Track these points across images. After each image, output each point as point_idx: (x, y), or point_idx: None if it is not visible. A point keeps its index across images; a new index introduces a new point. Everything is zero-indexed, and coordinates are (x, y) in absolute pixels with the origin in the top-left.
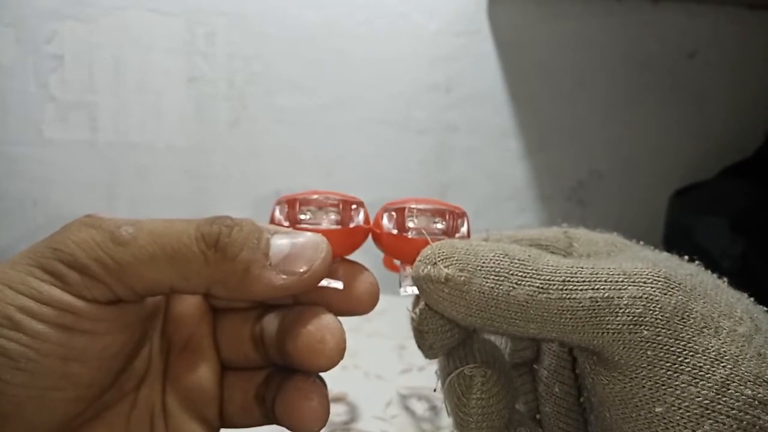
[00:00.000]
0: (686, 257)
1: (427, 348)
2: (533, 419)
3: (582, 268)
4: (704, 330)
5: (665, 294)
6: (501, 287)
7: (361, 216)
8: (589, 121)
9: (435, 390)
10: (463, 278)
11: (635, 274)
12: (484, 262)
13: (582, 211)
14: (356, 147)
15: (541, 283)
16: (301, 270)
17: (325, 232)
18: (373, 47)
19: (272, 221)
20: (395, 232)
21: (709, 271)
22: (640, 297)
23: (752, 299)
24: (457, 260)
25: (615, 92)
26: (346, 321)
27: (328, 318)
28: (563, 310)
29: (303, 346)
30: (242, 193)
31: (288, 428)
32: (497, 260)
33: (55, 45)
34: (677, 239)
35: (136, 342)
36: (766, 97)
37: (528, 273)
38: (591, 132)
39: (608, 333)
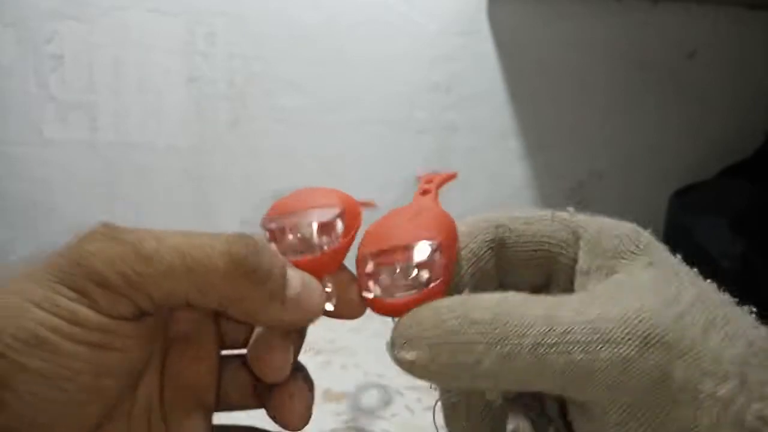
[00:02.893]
0: (691, 267)
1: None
2: None
3: (553, 326)
4: (681, 397)
5: (642, 355)
6: (467, 361)
7: (339, 227)
8: (589, 121)
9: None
10: (425, 361)
11: (611, 332)
12: (448, 335)
13: (582, 212)
14: (356, 147)
15: (510, 350)
16: (306, 312)
17: (310, 263)
18: (373, 47)
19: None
20: (379, 295)
21: (712, 286)
22: (616, 360)
23: (753, 315)
24: (420, 339)
25: (615, 92)
26: (346, 321)
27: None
28: (536, 375)
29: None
30: (242, 193)
31: (276, 423)
32: (462, 331)
33: (55, 45)
34: (677, 239)
35: (145, 352)
36: (766, 97)
37: (495, 340)
38: (591, 132)
39: (586, 395)
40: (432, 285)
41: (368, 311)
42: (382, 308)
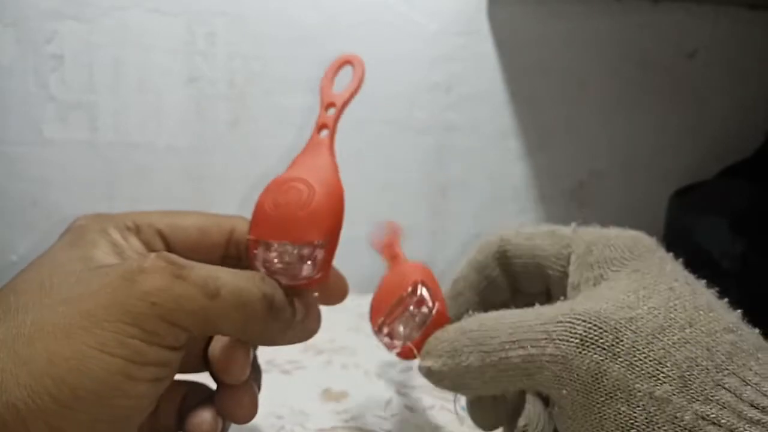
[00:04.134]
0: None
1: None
2: None
3: (518, 328)
4: (617, 394)
5: (580, 353)
6: (460, 361)
7: (320, 256)
8: (589, 121)
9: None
10: (437, 367)
11: (554, 332)
12: (450, 344)
13: (582, 212)
14: (356, 147)
15: (486, 348)
16: (309, 333)
17: (303, 285)
18: (373, 47)
19: (251, 262)
20: (402, 344)
21: (699, 292)
22: (558, 356)
23: (739, 318)
24: (435, 350)
25: (615, 92)
26: (346, 320)
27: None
28: (505, 369)
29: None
30: (242, 193)
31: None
32: (458, 339)
33: (55, 45)
34: (677, 239)
35: None
36: (766, 97)
37: (476, 342)
38: (591, 132)
39: (541, 385)
40: (434, 313)
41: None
42: (411, 354)
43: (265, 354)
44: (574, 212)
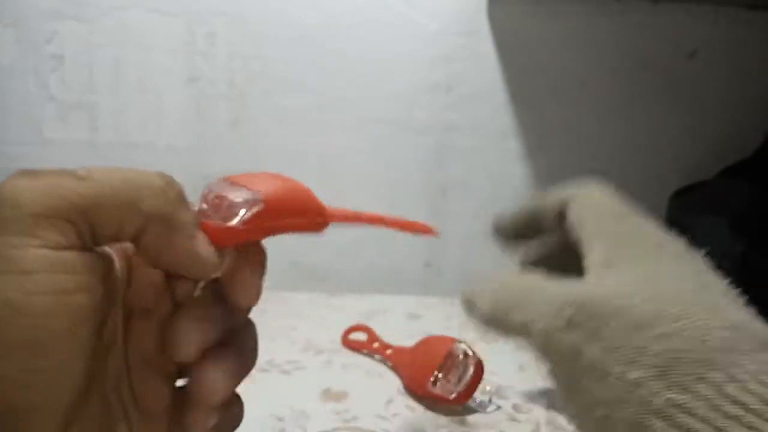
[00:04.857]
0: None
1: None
2: None
3: (523, 296)
4: (592, 373)
5: (563, 334)
6: (480, 307)
7: (241, 212)
8: (588, 121)
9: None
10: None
11: (548, 312)
12: (482, 293)
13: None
14: (356, 147)
15: (500, 306)
16: (209, 253)
17: (205, 227)
18: (373, 47)
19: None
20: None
21: (701, 285)
22: (544, 331)
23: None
24: (476, 291)
25: (615, 92)
26: (346, 320)
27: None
28: (509, 326)
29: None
30: None
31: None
32: (491, 290)
33: (55, 45)
34: None
35: (105, 304)
36: (766, 97)
37: (492, 299)
38: (591, 132)
39: (533, 347)
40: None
41: None
42: (467, 397)
43: (265, 354)
44: None
